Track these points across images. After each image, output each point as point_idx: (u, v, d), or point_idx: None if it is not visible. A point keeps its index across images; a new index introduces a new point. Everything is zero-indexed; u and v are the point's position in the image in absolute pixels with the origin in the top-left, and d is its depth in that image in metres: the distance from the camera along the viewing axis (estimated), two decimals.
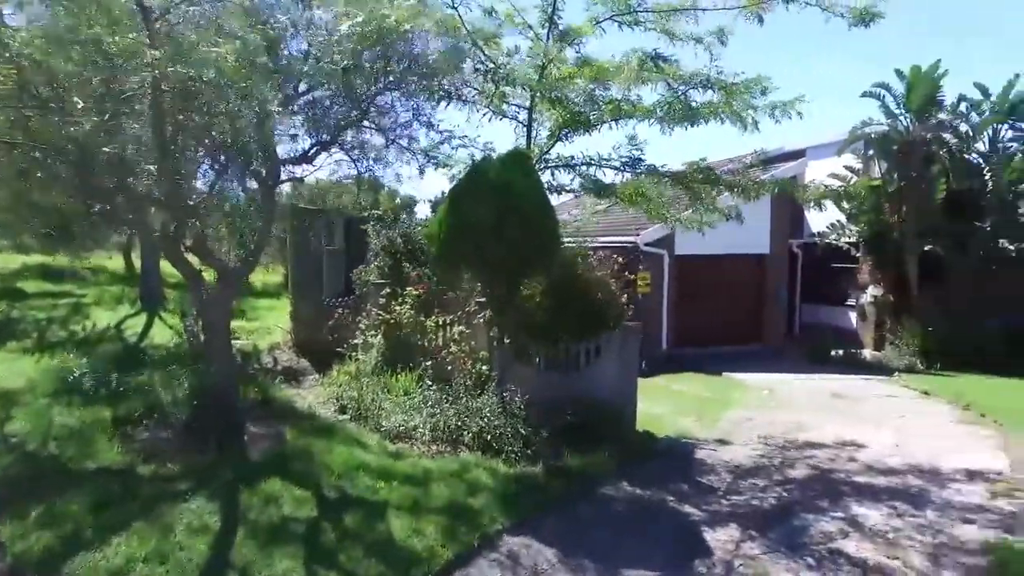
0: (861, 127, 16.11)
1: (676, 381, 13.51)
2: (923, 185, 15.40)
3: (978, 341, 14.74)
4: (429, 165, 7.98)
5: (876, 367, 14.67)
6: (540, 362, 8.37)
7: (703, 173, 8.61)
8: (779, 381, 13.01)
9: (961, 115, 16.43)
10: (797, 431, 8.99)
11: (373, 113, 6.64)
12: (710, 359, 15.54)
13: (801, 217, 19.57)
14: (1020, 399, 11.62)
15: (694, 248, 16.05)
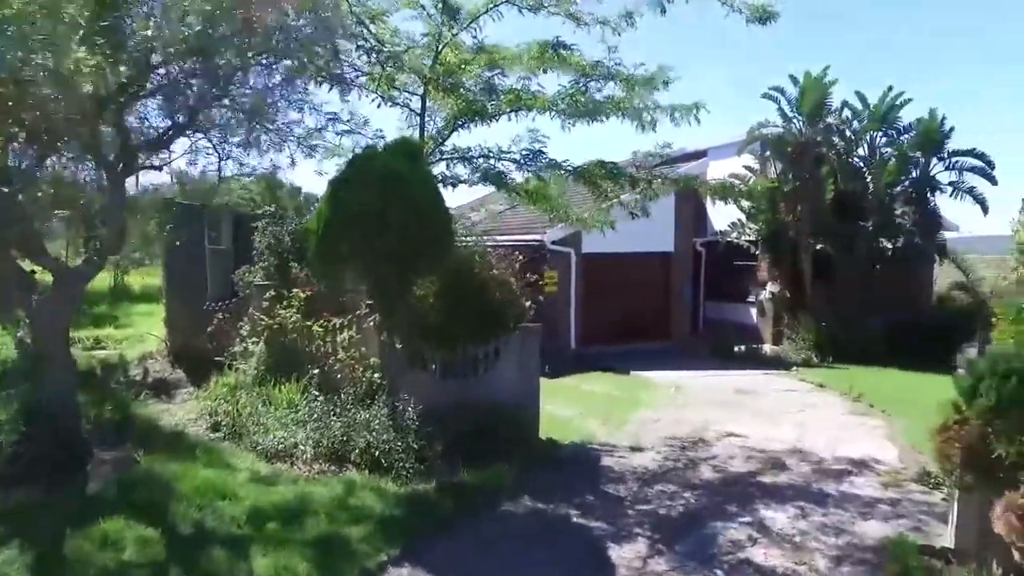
0: (758, 128, 16.42)
1: (585, 381, 13.20)
2: (814, 186, 15.86)
3: (863, 335, 15.31)
4: (303, 152, 7.14)
5: (775, 362, 14.93)
6: (436, 368, 7.72)
7: (606, 169, 8.22)
8: (685, 378, 12.93)
9: (846, 121, 17.10)
10: (703, 430, 8.78)
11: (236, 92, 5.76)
12: (618, 357, 15.37)
13: (704, 216, 19.85)
14: (900, 389, 12.05)
15: (601, 246, 15.83)
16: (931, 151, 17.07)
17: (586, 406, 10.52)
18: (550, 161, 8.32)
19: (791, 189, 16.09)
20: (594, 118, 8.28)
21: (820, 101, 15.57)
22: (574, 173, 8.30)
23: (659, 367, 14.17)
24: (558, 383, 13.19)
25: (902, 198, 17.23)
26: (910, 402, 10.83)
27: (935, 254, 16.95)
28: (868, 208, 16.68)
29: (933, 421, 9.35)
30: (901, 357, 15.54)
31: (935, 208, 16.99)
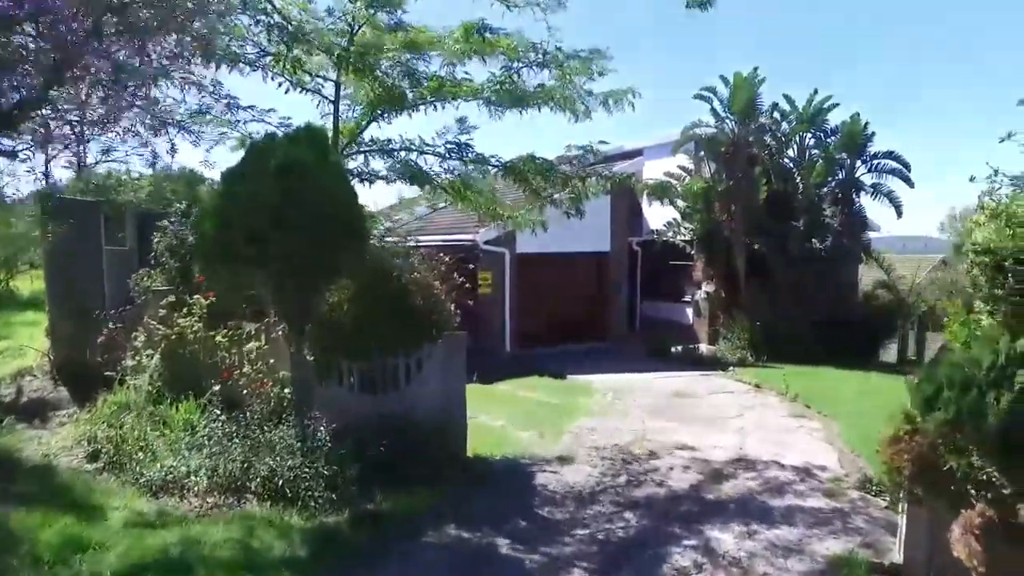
0: (691, 128, 16.23)
1: (521, 386, 12.60)
2: (748, 185, 15.78)
3: (795, 334, 15.33)
4: (189, 139, 6.22)
5: (712, 362, 14.72)
6: (353, 381, 6.94)
7: (537, 164, 7.62)
8: (623, 382, 12.51)
9: (776, 122, 17.17)
10: (643, 440, 8.29)
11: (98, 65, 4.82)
12: (556, 359, 14.87)
13: (640, 216, 19.62)
14: (831, 387, 11.98)
15: (536, 246, 15.30)
16: (855, 153, 17.32)
17: (521, 415, 9.91)
18: (477, 155, 7.67)
19: (725, 189, 15.97)
20: (525, 107, 7.68)
21: (750, 101, 15.50)
22: (503, 168, 7.67)
23: (597, 369, 13.73)
24: (493, 389, 12.55)
25: (830, 199, 17.44)
26: (842, 400, 10.74)
27: (861, 254, 17.21)
28: (799, 208, 16.77)
29: (867, 422, 9.24)
30: (831, 354, 15.65)
31: (861, 209, 17.25)
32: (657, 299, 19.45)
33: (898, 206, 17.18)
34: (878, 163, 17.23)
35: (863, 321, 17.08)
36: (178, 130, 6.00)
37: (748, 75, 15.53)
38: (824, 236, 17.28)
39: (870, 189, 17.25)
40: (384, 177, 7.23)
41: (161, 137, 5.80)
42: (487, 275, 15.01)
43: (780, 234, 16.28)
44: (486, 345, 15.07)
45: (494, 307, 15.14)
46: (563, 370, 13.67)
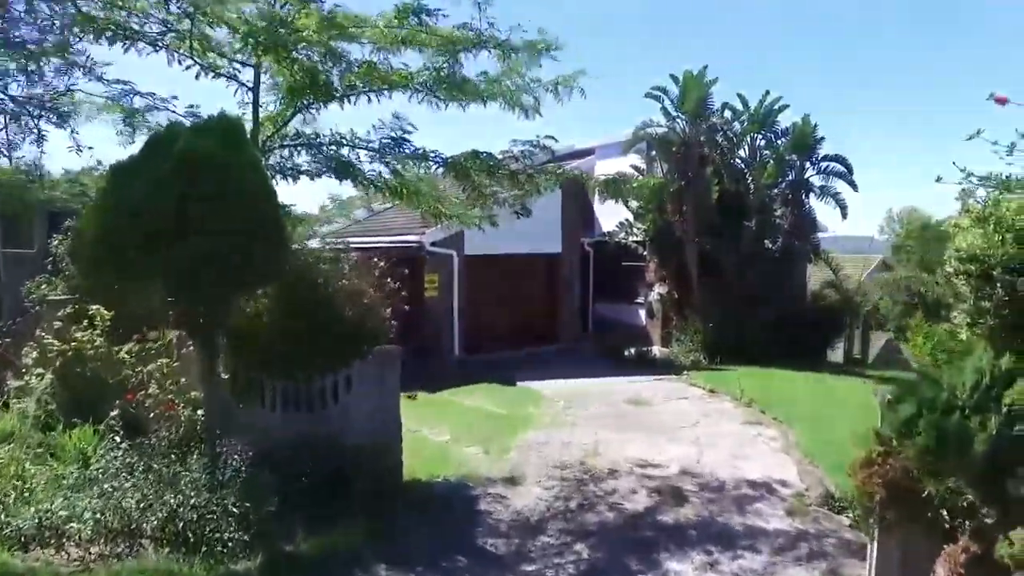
0: (643, 127, 15.85)
1: (468, 395, 11.94)
2: (700, 185, 15.49)
3: (747, 334, 15.13)
4: (56, 124, 5.34)
5: (666, 365, 14.35)
6: (275, 402, 6.18)
7: (481, 160, 6.97)
8: (575, 388, 11.99)
9: (727, 122, 16.96)
10: (596, 455, 7.75)
11: None
12: (506, 364, 14.27)
13: (592, 216, 19.18)
14: (784, 390, 11.74)
15: (485, 247, 14.66)
16: (805, 155, 17.25)
17: (466, 428, 9.26)
18: (416, 151, 6.97)
19: (677, 189, 15.64)
20: (467, 100, 7.04)
21: (701, 100, 15.19)
22: (444, 165, 7.00)
23: (548, 374, 13.18)
24: (438, 399, 11.87)
25: (780, 199, 17.33)
26: (796, 404, 10.46)
27: (811, 254, 17.16)
28: (751, 208, 16.58)
29: (822, 429, 8.93)
30: (782, 354, 15.52)
31: (811, 210, 17.20)
32: (610, 300, 19.06)
33: (844, 207, 17.19)
34: (826, 165, 17.21)
35: (812, 321, 17.04)
36: (47, 115, 5.09)
37: (698, 74, 15.22)
38: (775, 236, 17.18)
39: (818, 191, 17.22)
40: (307, 172, 6.44)
41: (17, 121, 4.86)
42: (434, 278, 14.29)
43: (732, 234, 16.05)
44: (433, 351, 14.37)
45: (442, 311, 14.43)
46: (513, 376, 13.08)
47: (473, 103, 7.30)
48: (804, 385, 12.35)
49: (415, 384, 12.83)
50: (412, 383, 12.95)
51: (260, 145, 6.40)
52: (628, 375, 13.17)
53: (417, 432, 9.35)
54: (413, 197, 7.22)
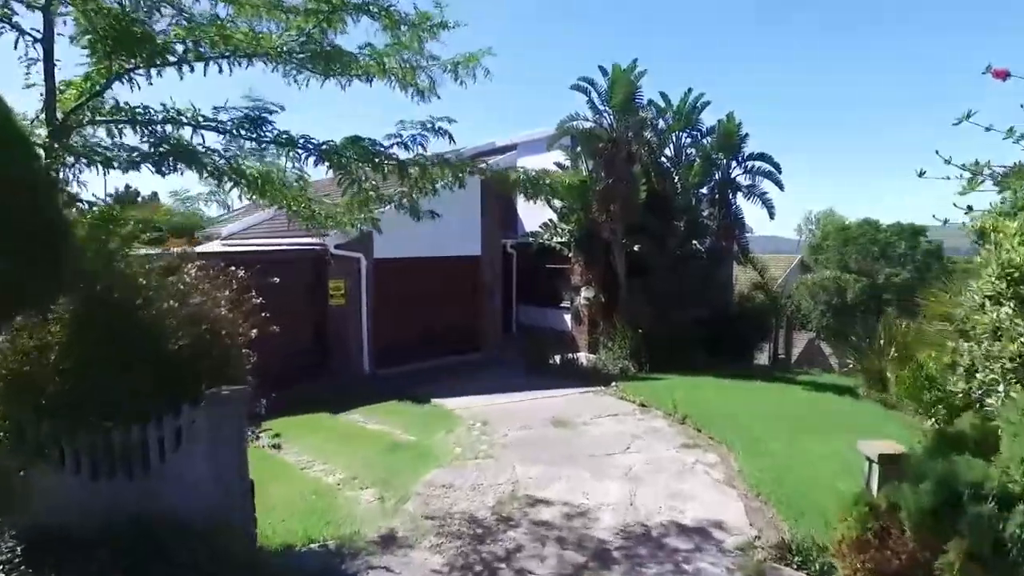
0: (568, 121, 14.70)
1: (374, 416, 10.43)
2: (627, 183, 14.48)
3: (676, 339, 14.28)
4: None
5: (593, 375, 13.22)
6: (79, 463, 4.53)
7: (362, 147, 5.51)
8: (494, 406, 10.67)
9: (652, 120, 16.09)
10: (510, 500, 6.42)
11: None
12: (422, 377, 12.82)
13: (515, 216, 17.96)
14: (718, 401, 10.85)
15: (397, 250, 13.16)
16: (731, 154, 16.60)
17: (365, 463, 7.77)
18: (280, 135, 5.44)
19: (604, 187, 14.59)
20: (345, 74, 5.60)
21: (629, 95, 14.18)
22: (317, 152, 5.49)
23: (466, 389, 11.81)
24: (341, 422, 10.31)
25: (708, 199, 16.63)
26: (732, 419, 9.54)
27: (740, 255, 16.53)
28: (679, 208, 15.76)
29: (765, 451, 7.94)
30: (711, 358, 14.79)
31: (738, 210, 16.55)
32: (535, 304, 17.89)
33: (770, 208, 16.63)
34: (752, 165, 16.62)
35: (741, 323, 16.42)
36: None
37: (627, 67, 14.20)
38: (704, 237, 16.46)
39: (745, 190, 16.61)
40: (113, 160, 4.77)
41: None
42: (340, 284, 12.66)
43: (660, 235, 15.17)
44: (341, 365, 12.75)
45: (349, 321, 12.83)
46: (428, 392, 11.64)
47: (356, 79, 5.88)
48: (738, 395, 11.49)
49: (320, 404, 11.22)
50: (316, 403, 11.34)
51: (59, 120, 4.72)
52: (553, 388, 11.96)
53: (308, 469, 7.81)
54: (277, 193, 5.68)
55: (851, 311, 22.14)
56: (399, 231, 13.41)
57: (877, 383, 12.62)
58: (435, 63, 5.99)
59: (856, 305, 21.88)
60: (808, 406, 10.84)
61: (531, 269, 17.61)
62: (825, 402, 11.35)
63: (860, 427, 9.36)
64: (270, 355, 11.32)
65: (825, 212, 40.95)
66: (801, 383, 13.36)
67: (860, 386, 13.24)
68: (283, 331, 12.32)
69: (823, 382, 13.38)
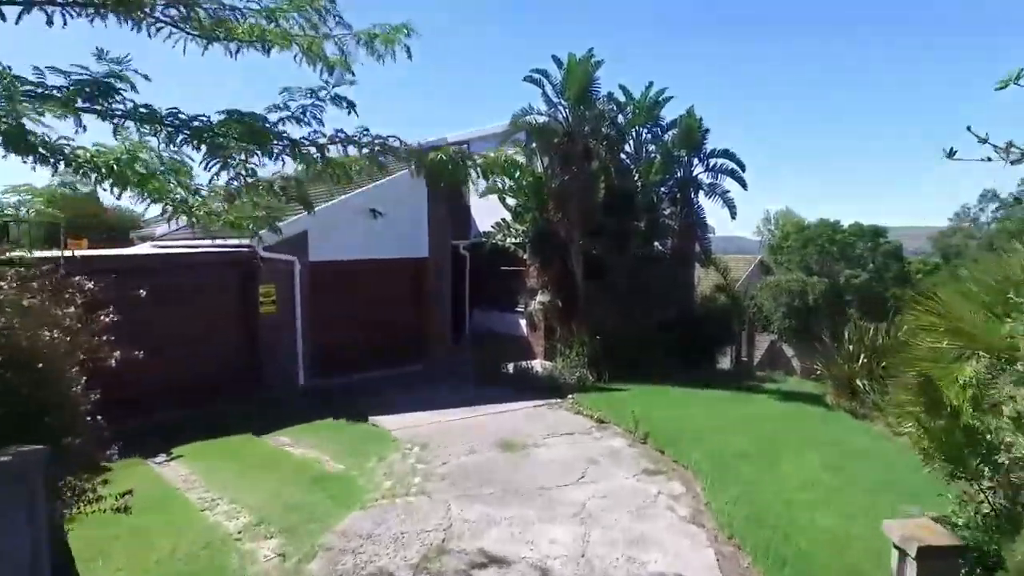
0: (522, 115, 13.62)
1: (304, 438, 9.20)
2: (584, 181, 13.49)
3: (636, 346, 13.38)
4: None
5: (549, 385, 12.17)
6: None
7: (245, 124, 4.32)
8: (438, 424, 9.54)
9: (614, 111, 15.17)
10: (439, 555, 5.29)
11: None
12: (362, 390, 11.61)
13: (468, 216, 16.84)
14: (681, 414, 9.96)
15: (336, 252, 11.93)
16: (692, 150, 15.78)
17: (278, 502, 6.55)
18: (138, 108, 4.21)
19: (559, 184, 13.58)
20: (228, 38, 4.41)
21: (585, 86, 13.17)
22: (186, 130, 4.28)
23: (409, 404, 10.65)
24: (263, 446, 9.06)
25: (669, 198, 15.78)
26: (698, 436, 8.63)
27: (702, 256, 15.72)
28: (639, 208, 14.85)
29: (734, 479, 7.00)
30: (674, 365, 13.95)
31: (700, 209, 15.74)
32: (490, 308, 16.79)
33: (732, 207, 15.85)
34: (714, 162, 15.83)
35: (704, 327, 15.61)
36: None
37: (583, 57, 13.19)
38: (665, 238, 15.60)
39: (707, 188, 15.81)
40: None
41: None
42: (270, 290, 11.35)
43: (620, 236, 14.22)
44: (273, 379, 11.45)
45: (282, 329, 11.52)
46: (368, 408, 10.45)
47: (248, 46, 4.69)
48: (703, 407, 10.59)
49: (246, 423, 9.91)
50: (243, 422, 10.02)
51: None
52: (504, 401, 10.88)
53: (210, 510, 6.55)
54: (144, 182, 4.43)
55: (813, 313, 21.68)
56: (338, 232, 12.22)
57: (846, 391, 11.89)
58: (348, 33, 4.84)
59: (817, 307, 21.43)
60: (779, 420, 10.00)
61: (486, 272, 16.50)
62: (795, 415, 10.54)
63: (834, 442, 8.55)
64: (182, 370, 9.92)
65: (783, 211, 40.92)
66: (768, 391, 12.58)
67: (828, 393, 12.52)
68: (205, 342, 10.87)
69: (790, 390, 12.62)
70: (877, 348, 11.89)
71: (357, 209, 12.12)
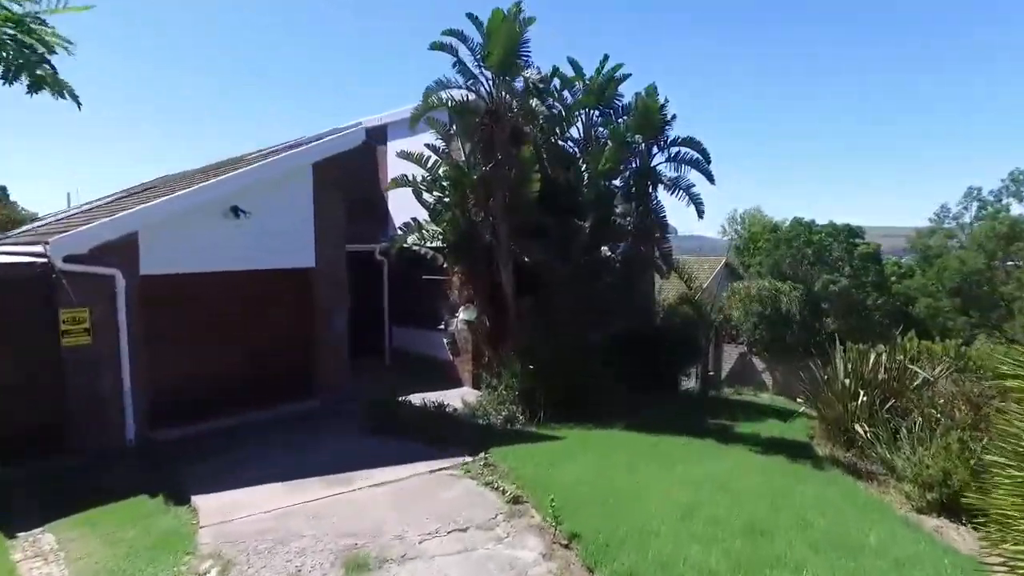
0: (437, 89, 10.57)
1: (74, 536, 6.04)
2: (514, 170, 10.50)
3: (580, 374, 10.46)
4: None
5: (465, 432, 9.15)
6: None
7: None
8: (277, 515, 6.39)
9: (555, 92, 12.22)
10: None
11: None
12: (214, 443, 8.45)
13: (385, 214, 13.75)
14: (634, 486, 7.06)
15: (180, 262, 8.73)
16: (652, 136, 12.91)
17: None
18: None
19: (482, 175, 10.57)
20: None
21: (512, 49, 10.14)
22: None
23: (263, 469, 7.50)
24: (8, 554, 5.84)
25: (622, 193, 12.89)
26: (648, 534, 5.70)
27: (661, 263, 12.83)
28: (585, 205, 11.93)
29: None
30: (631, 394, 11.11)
31: (659, 207, 12.88)
32: (413, 325, 13.69)
33: (699, 204, 13.01)
34: (677, 151, 12.97)
35: (663, 346, 12.76)
36: None
37: (510, 12, 10.13)
38: (618, 241, 12.71)
39: (669, 182, 12.95)
40: None
41: None
42: (79, 315, 8.10)
43: (561, 238, 11.28)
44: (87, 434, 8.22)
45: (100, 367, 8.27)
46: (200, 477, 7.30)
47: None
48: (660, 473, 7.62)
49: (8, 507, 6.79)
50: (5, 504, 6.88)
51: None
52: (395, 461, 7.78)
53: None
54: None
55: (786, 322, 19.07)
56: (185, 236, 9.00)
57: (840, 436, 9.06)
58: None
59: (791, 316, 18.80)
60: (762, 491, 7.04)
61: (407, 281, 13.42)
62: (782, 479, 7.60)
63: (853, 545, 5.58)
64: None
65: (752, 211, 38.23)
66: (742, 436, 9.68)
67: (815, 437, 9.69)
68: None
69: (770, 435, 9.75)
70: (879, 381, 9.11)
71: (212, 206, 8.94)
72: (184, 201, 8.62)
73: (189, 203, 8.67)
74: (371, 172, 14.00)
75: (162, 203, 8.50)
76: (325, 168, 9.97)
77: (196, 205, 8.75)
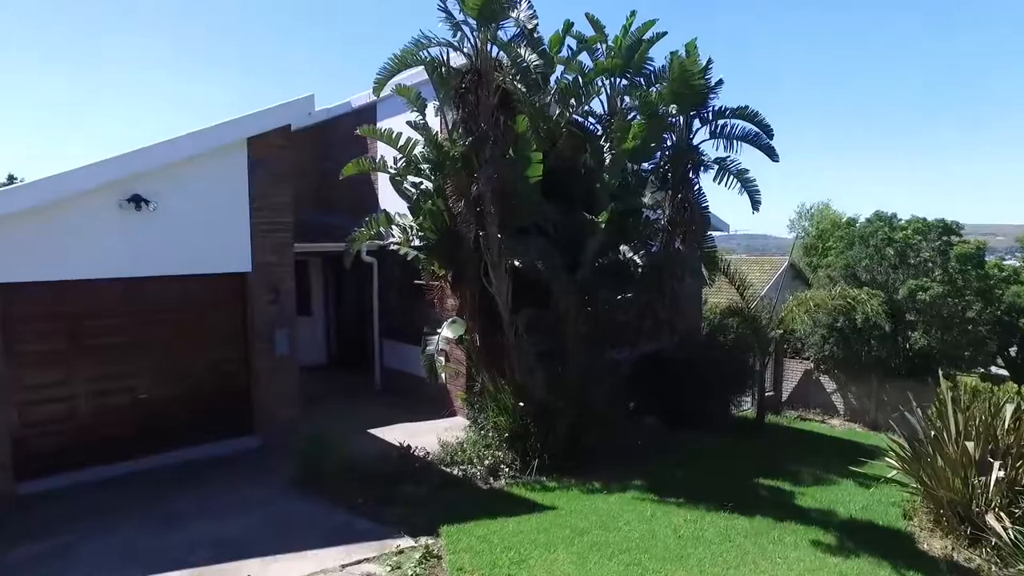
0: (417, 48, 8.09)
1: None
2: (502, 146, 7.90)
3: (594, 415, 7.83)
4: None
5: (418, 494, 6.65)
6: None
7: None
8: None
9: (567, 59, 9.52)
10: None
11: None
12: (104, 499, 6.35)
13: (375, 203, 11.43)
14: None
15: (64, 267, 6.60)
16: (691, 107, 9.98)
17: None
18: None
19: (462, 152, 8.02)
20: None
21: None
22: None
23: (137, 548, 5.32)
24: None
25: (655, 178, 10.04)
26: None
27: (699, 267, 9.88)
28: (604, 193, 9.20)
29: None
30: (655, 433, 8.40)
31: (701, 195, 9.95)
32: (406, 340, 11.30)
33: (754, 193, 9.94)
34: (725, 124, 10.01)
35: (706, 370, 9.91)
36: None
37: None
38: (645, 239, 9.86)
39: (715, 165, 9.99)
40: None
41: None
42: None
43: (571, 236, 8.62)
44: None
45: None
46: (64, 558, 5.16)
47: None
48: None
49: None
50: None
51: None
52: (298, 546, 5.38)
53: None
54: None
55: (862, 336, 15.59)
56: (65, 233, 6.82)
57: (955, 522, 6.03)
58: None
59: (869, 329, 15.32)
60: None
61: (402, 287, 11.07)
62: None
63: None
64: None
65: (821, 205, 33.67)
66: (809, 516, 6.70)
67: (912, 515, 6.66)
68: None
69: (848, 514, 6.76)
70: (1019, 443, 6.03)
71: (104, 193, 6.78)
72: (61, 184, 6.46)
73: (70, 188, 6.52)
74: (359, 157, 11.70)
75: (26, 187, 6.40)
76: (265, 146, 7.69)
77: (81, 192, 6.60)
